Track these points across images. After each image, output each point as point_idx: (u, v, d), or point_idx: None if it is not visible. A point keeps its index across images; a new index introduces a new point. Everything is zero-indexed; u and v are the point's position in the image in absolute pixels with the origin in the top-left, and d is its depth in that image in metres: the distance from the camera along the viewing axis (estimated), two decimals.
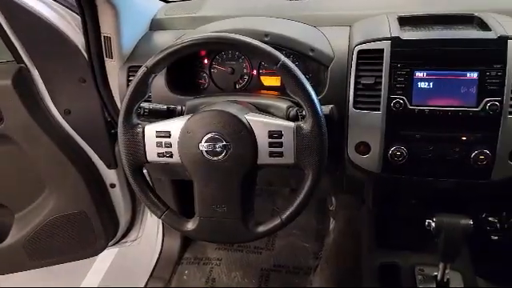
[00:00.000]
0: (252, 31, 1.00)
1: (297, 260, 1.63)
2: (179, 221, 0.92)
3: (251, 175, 0.87)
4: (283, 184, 1.54)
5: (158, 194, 0.93)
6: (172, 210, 0.92)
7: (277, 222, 0.86)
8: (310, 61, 1.04)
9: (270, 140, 0.83)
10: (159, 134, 0.88)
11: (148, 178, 1.19)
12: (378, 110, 0.93)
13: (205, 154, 0.84)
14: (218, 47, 1.07)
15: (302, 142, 0.81)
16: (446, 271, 1.03)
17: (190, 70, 1.16)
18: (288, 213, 0.85)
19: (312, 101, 0.80)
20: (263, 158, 0.84)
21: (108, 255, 1.66)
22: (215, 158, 0.84)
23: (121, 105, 0.90)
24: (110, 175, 1.41)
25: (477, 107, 0.88)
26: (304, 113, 0.84)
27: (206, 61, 1.16)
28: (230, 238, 0.91)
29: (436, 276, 1.06)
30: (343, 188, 1.24)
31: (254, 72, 1.14)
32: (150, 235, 1.71)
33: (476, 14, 0.98)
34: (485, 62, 0.88)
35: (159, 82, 1.07)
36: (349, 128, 0.97)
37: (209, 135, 0.84)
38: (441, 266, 1.03)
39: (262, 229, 0.88)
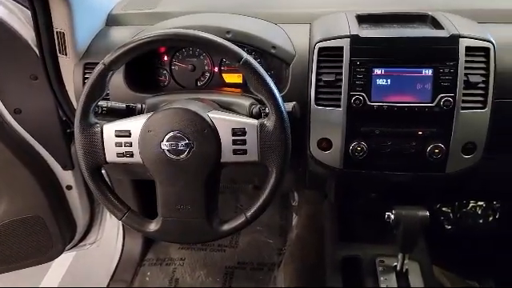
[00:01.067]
0: (213, 28, 0.99)
1: (261, 256, 1.63)
2: (141, 222, 0.90)
3: (215, 174, 0.86)
4: (247, 181, 1.54)
5: (118, 195, 0.90)
6: (133, 212, 0.90)
7: (242, 219, 0.86)
8: (272, 58, 1.04)
9: (234, 138, 0.82)
10: (119, 134, 0.85)
11: (107, 179, 1.15)
12: (339, 107, 0.94)
13: (167, 153, 0.83)
14: (180, 44, 1.05)
15: (265, 139, 0.82)
16: (405, 261, 1.07)
17: (150, 67, 1.14)
18: (253, 210, 0.85)
19: (275, 98, 0.81)
20: (227, 156, 0.83)
21: (65, 259, 1.60)
22: (178, 157, 0.83)
23: (77, 103, 0.87)
24: (65, 177, 1.36)
25: (432, 103, 0.92)
26: (267, 110, 0.84)
27: (165, 58, 1.13)
28: (195, 237, 0.90)
29: (396, 266, 1.10)
30: (306, 184, 1.26)
31: (216, 69, 1.12)
32: (109, 237, 1.66)
33: (429, 13, 1.02)
34: (438, 60, 0.91)
35: (117, 80, 1.03)
36: (311, 125, 0.98)
37: (171, 134, 0.82)
38: (400, 256, 1.06)
39: (226, 227, 0.87)
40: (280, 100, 0.81)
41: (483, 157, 0.95)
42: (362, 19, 1.02)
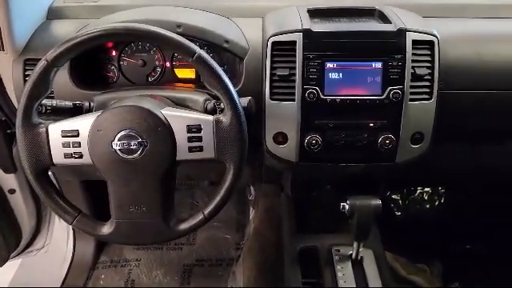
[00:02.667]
0: (163, 22, 0.96)
1: (219, 252, 1.62)
2: (93, 225, 0.86)
3: (170, 172, 0.83)
4: (203, 177, 1.52)
5: (68, 197, 0.86)
6: (84, 215, 0.86)
7: (199, 218, 0.84)
8: (225, 53, 1.03)
9: (189, 135, 0.81)
10: (66, 134, 0.80)
11: (54, 181, 1.09)
12: (294, 101, 0.95)
13: (119, 152, 0.79)
14: (129, 39, 1.01)
15: (221, 135, 0.80)
16: (360, 249, 1.10)
17: (97, 62, 1.08)
18: (210, 208, 0.84)
19: (230, 93, 0.80)
20: (182, 153, 0.81)
21: (11, 267, 1.51)
22: (131, 157, 0.79)
23: (18, 103, 0.81)
24: (8, 180, 1.27)
25: (382, 95, 0.94)
26: (222, 105, 0.83)
27: (113, 53, 1.09)
28: (152, 238, 0.88)
29: (351, 255, 1.13)
30: (262, 178, 1.26)
31: (167, 64, 1.09)
32: (59, 241, 1.58)
33: (377, 8, 1.04)
34: (387, 53, 0.93)
35: (62, 77, 0.97)
36: (266, 119, 0.98)
37: (122, 132, 0.79)
38: (355, 245, 1.10)
39: (184, 226, 0.85)
40: (235, 95, 0.80)
41: (430, 146, 0.99)
42: (313, 13, 1.03)
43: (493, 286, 1.43)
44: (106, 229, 0.85)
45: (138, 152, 0.79)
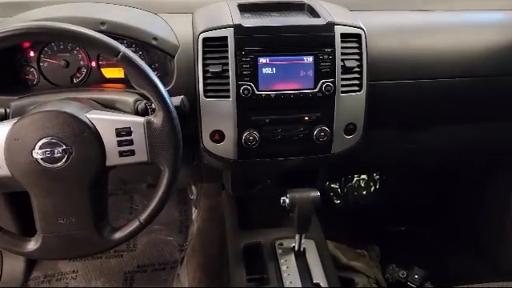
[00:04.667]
0: (85, 19, 0.90)
1: (162, 256, 1.58)
2: (17, 242, 0.79)
3: (100, 179, 0.79)
4: (139, 181, 1.46)
5: None
6: (6, 231, 0.79)
7: (135, 225, 0.81)
8: (155, 50, 0.99)
9: (119, 138, 0.76)
10: None
11: None
12: (229, 98, 0.94)
13: (41, 162, 0.73)
14: (45, 38, 0.94)
15: (153, 137, 0.77)
16: (302, 241, 1.12)
17: (12, 64, 0.99)
18: (147, 213, 0.80)
19: (160, 93, 0.76)
20: (113, 158, 0.77)
21: None
22: (55, 166, 0.74)
23: None
24: None
25: (315, 89, 0.95)
26: (154, 106, 0.79)
27: (31, 53, 1.00)
28: (84, 251, 0.82)
29: (294, 247, 1.14)
30: (202, 177, 1.24)
31: (93, 64, 1.03)
32: None
33: (306, 2, 1.05)
34: (317, 47, 0.95)
35: None
36: (202, 117, 0.95)
37: (44, 140, 0.73)
38: (297, 237, 1.11)
39: (119, 235, 0.81)
40: (166, 94, 0.77)
41: (363, 136, 1.02)
42: (244, 8, 1.02)
43: (426, 262, 1.52)
44: (32, 245, 0.79)
45: (63, 160, 0.74)
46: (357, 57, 0.98)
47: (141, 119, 0.77)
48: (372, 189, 1.94)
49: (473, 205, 1.71)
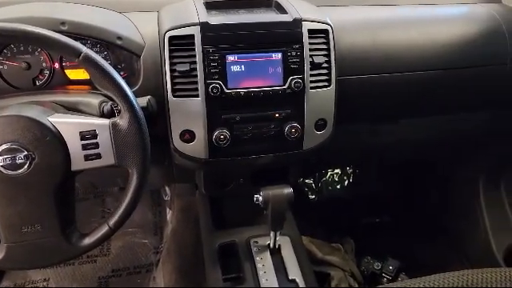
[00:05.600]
0: (44, 19, 0.87)
1: (137, 259, 1.55)
2: None
3: (66, 184, 0.76)
4: (110, 184, 1.43)
5: None
6: None
7: (104, 229, 0.79)
8: (120, 50, 0.96)
9: (84, 142, 0.74)
10: None
11: None
12: (197, 97, 0.92)
13: (2, 169, 0.71)
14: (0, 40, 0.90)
15: (120, 139, 0.75)
16: (277, 238, 1.12)
17: None
18: (116, 218, 0.78)
19: (125, 94, 0.74)
20: (78, 163, 0.75)
21: None
22: (17, 172, 0.71)
23: None
24: None
25: (284, 85, 0.95)
26: (120, 107, 0.77)
27: None
28: (52, 259, 0.80)
29: (269, 244, 1.14)
30: (174, 178, 1.22)
31: (56, 65, 0.99)
32: None
33: None
34: (285, 43, 0.94)
35: None
36: (171, 117, 0.94)
37: (4, 146, 0.70)
38: (271, 234, 1.11)
39: (88, 241, 0.79)
40: (131, 95, 0.75)
41: (333, 131, 1.03)
42: (210, 6, 1.01)
43: (400, 253, 1.55)
44: None
45: (25, 166, 0.71)
46: (325, 52, 0.98)
47: (106, 121, 0.75)
48: (346, 182, 1.96)
49: (443, 193, 1.75)
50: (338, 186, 1.96)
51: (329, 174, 1.95)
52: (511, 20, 1.18)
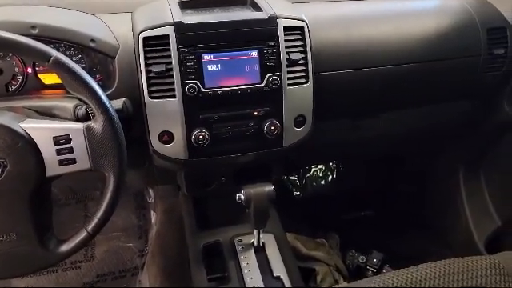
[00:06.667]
0: (13, 23, 0.86)
1: (122, 263, 1.54)
2: None
3: (41, 191, 0.75)
4: (90, 188, 1.41)
5: None
6: None
7: (83, 235, 0.77)
8: (94, 53, 0.95)
9: (58, 147, 0.73)
10: None
11: None
12: (174, 97, 0.92)
13: None
14: None
15: (95, 143, 0.74)
16: (261, 236, 1.12)
17: None
18: (94, 223, 0.77)
19: (98, 97, 0.73)
20: (52, 168, 0.73)
21: None
22: None
23: None
24: None
25: (261, 83, 0.95)
26: (94, 110, 0.76)
27: None
28: (29, 268, 0.78)
29: (253, 243, 1.14)
30: (155, 180, 1.21)
31: (29, 70, 0.97)
32: None
33: None
34: (261, 41, 0.94)
35: None
36: (148, 119, 0.93)
37: None
38: (255, 232, 1.11)
39: (66, 247, 0.78)
40: (104, 98, 0.74)
41: (313, 127, 1.03)
42: (185, 5, 1.00)
43: (384, 245, 1.57)
44: None
45: None
46: (301, 49, 0.98)
47: (80, 125, 0.74)
48: (330, 178, 1.97)
49: (425, 185, 1.78)
50: (323, 182, 1.97)
51: (313, 170, 1.95)
52: (484, 12, 1.20)
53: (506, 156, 1.39)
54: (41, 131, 0.72)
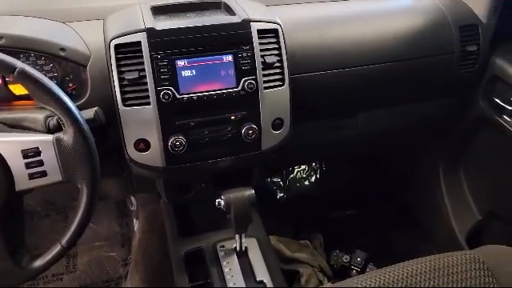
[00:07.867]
0: None
1: (105, 273, 1.51)
2: None
3: (12, 205, 0.73)
4: (68, 199, 1.39)
5: None
6: None
7: (57, 249, 0.76)
8: (66, 61, 0.93)
9: (27, 160, 0.71)
10: None
11: None
12: (149, 105, 0.90)
13: None
14: None
15: (65, 155, 0.73)
16: (243, 240, 1.11)
17: None
18: (68, 236, 0.76)
19: (66, 107, 0.72)
20: (22, 182, 0.72)
21: None
22: None
23: None
24: None
25: (237, 87, 0.95)
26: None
27: None
28: (2, 284, 0.76)
29: (235, 247, 1.13)
30: (134, 188, 1.20)
31: None
32: None
33: (222, 0, 1.04)
34: (235, 45, 0.94)
35: None
36: (123, 127, 0.92)
37: None
38: (237, 237, 1.10)
39: (40, 262, 0.76)
40: (73, 108, 0.73)
41: (291, 129, 1.03)
42: (158, 10, 0.99)
43: (368, 244, 1.57)
44: None
45: None
46: (276, 52, 0.98)
47: (49, 137, 0.73)
48: (313, 178, 1.98)
49: (406, 183, 1.79)
50: (306, 183, 1.97)
51: (296, 171, 1.96)
52: (456, 10, 1.22)
53: (483, 151, 1.41)
54: (8, 145, 0.71)
